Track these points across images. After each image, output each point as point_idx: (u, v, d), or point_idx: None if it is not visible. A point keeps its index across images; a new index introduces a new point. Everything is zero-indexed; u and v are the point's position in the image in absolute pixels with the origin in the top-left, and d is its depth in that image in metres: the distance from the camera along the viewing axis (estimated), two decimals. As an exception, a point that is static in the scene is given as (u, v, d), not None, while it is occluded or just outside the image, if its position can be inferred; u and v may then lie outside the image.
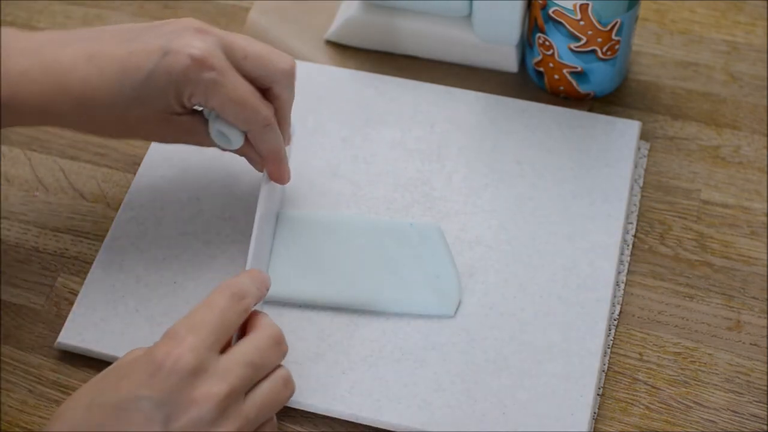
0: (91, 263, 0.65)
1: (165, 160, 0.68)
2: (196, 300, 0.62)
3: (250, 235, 0.64)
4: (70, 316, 0.62)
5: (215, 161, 0.68)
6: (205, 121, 0.60)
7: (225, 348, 0.51)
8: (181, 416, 0.48)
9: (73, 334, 0.61)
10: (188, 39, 0.56)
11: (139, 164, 0.69)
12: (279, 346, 0.53)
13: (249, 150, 0.61)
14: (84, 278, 0.64)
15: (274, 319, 0.61)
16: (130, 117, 0.58)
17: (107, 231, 0.66)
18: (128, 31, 0.57)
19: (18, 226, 0.67)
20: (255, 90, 0.58)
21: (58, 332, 0.62)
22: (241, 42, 0.58)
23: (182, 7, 0.79)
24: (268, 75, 0.58)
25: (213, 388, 0.48)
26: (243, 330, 0.54)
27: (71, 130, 0.61)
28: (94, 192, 0.69)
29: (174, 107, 0.57)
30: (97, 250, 0.65)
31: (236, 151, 0.61)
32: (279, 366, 0.53)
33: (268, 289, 0.56)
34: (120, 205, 0.67)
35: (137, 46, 0.56)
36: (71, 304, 0.63)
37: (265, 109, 0.58)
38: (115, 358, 0.60)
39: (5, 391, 0.61)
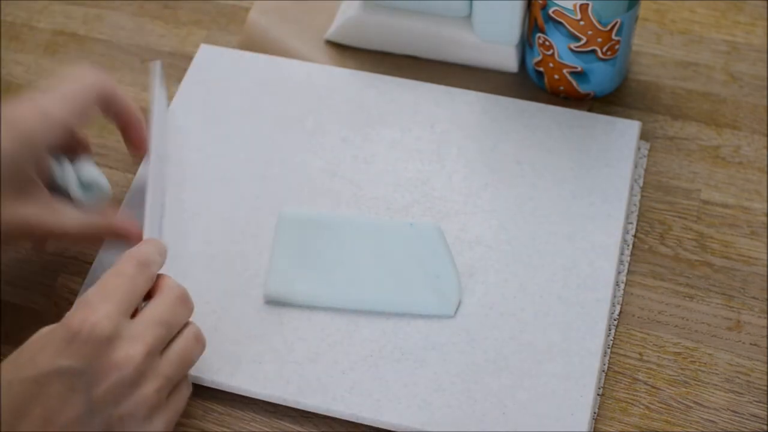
0: (91, 263, 0.65)
1: (165, 160, 0.68)
2: (196, 300, 0.61)
3: (253, 235, 0.64)
4: (70, 316, 0.62)
5: (215, 161, 0.68)
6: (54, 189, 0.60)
7: (134, 314, 0.53)
8: (102, 381, 0.49)
9: (73, 334, 0.61)
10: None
11: (139, 164, 0.69)
12: (185, 303, 0.54)
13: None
14: (84, 278, 0.64)
15: (274, 318, 0.61)
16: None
17: (107, 231, 0.66)
18: None
19: (18, 226, 0.67)
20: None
21: (58, 332, 0.62)
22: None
23: (182, 7, 0.79)
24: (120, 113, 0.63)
25: (130, 350, 0.50)
26: (148, 295, 0.55)
27: None
28: (94, 192, 0.69)
29: (27, 164, 0.57)
30: (97, 250, 0.65)
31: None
32: (188, 323, 0.55)
33: (165, 257, 0.57)
34: (120, 205, 0.67)
35: None
36: (71, 304, 0.63)
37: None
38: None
39: (5, 391, 0.61)
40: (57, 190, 0.61)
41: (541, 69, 0.70)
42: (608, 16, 0.65)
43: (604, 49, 0.67)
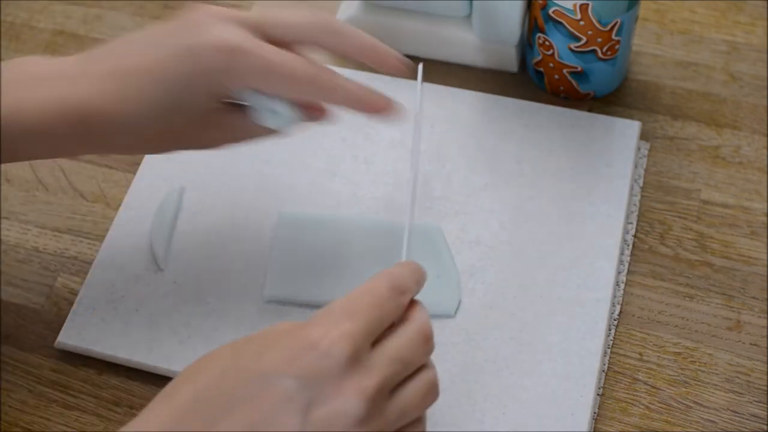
0: (91, 263, 0.65)
1: (165, 160, 0.68)
2: (196, 300, 0.62)
3: (253, 235, 0.64)
4: (70, 316, 0.62)
5: (216, 161, 0.68)
6: (246, 114, 0.56)
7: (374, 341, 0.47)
8: (324, 405, 0.43)
9: (73, 334, 0.61)
10: (210, 31, 0.53)
11: (139, 164, 0.69)
12: (427, 342, 0.48)
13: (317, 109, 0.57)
14: (84, 278, 0.64)
15: (274, 318, 0.61)
16: (169, 128, 0.55)
17: (107, 231, 0.66)
18: (149, 37, 0.54)
19: (18, 226, 0.67)
20: (291, 53, 0.54)
21: (58, 332, 0.62)
22: (262, 16, 0.55)
23: (182, 7, 0.79)
24: (297, 34, 0.55)
25: (363, 381, 0.44)
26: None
27: (110, 153, 0.58)
28: (94, 192, 0.69)
29: (213, 105, 0.55)
30: (97, 250, 0.65)
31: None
32: (426, 366, 0.48)
33: (422, 286, 0.50)
34: (120, 205, 0.67)
35: (162, 52, 0.53)
36: (71, 304, 0.63)
37: (305, 64, 0.53)
38: (115, 358, 0.60)
39: (5, 391, 0.61)
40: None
41: (541, 69, 0.70)
42: (608, 16, 0.65)
43: (604, 49, 0.67)
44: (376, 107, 0.56)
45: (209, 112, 0.55)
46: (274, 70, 0.53)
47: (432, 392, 0.48)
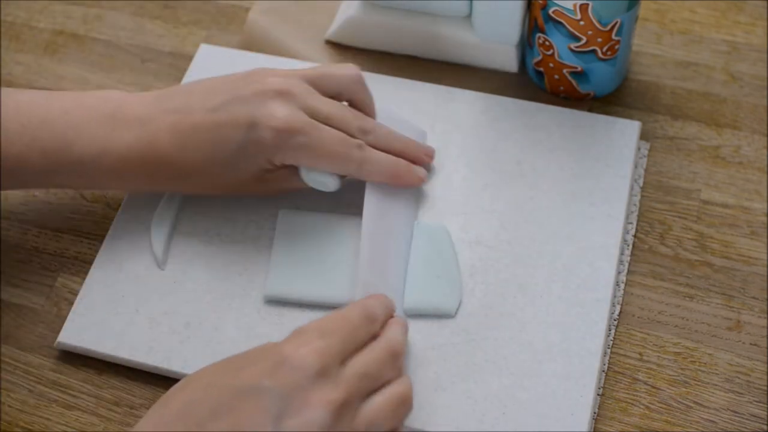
0: (91, 263, 0.65)
1: (165, 160, 0.68)
2: (196, 300, 0.62)
3: (253, 235, 0.64)
4: (70, 316, 0.62)
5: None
6: (297, 170, 0.62)
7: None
8: (294, 415, 0.47)
9: (73, 334, 0.61)
10: (272, 107, 0.59)
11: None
12: (396, 358, 0.52)
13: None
14: (84, 278, 0.64)
15: (274, 318, 0.61)
16: (224, 181, 0.61)
17: (107, 231, 0.66)
18: (212, 95, 0.60)
19: (18, 226, 0.67)
20: (341, 134, 0.60)
21: (58, 332, 0.62)
22: (315, 72, 0.62)
23: (182, 7, 0.79)
24: (340, 87, 0.62)
25: (330, 394, 0.48)
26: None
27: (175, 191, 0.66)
28: (94, 192, 0.69)
29: (266, 167, 0.60)
30: (97, 250, 0.65)
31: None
32: (396, 380, 0.52)
33: (390, 316, 0.56)
34: (120, 205, 0.67)
35: (223, 116, 0.59)
36: (71, 304, 0.63)
37: (355, 151, 0.60)
38: (115, 358, 0.60)
39: (5, 391, 0.61)
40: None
41: (541, 69, 0.70)
42: (608, 16, 0.65)
43: (604, 49, 0.67)
44: (403, 182, 0.63)
45: (262, 172, 0.61)
46: (316, 153, 0.59)
47: (403, 404, 0.51)
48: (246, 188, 0.63)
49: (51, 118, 0.60)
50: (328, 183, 0.61)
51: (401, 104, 0.70)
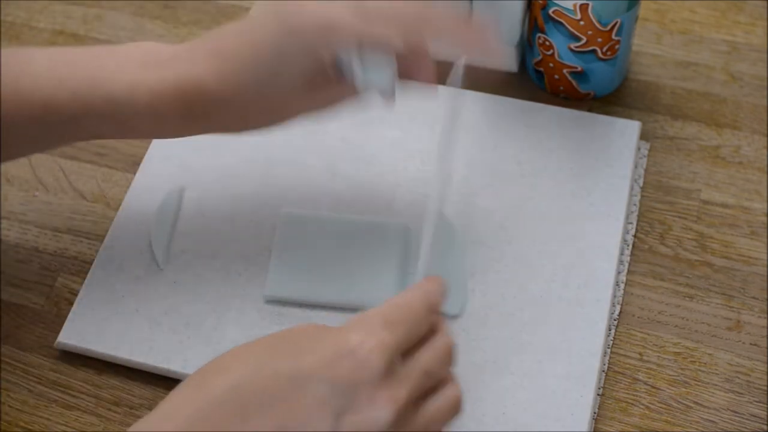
0: (91, 263, 0.65)
1: (165, 159, 0.68)
2: (196, 300, 0.62)
3: (253, 235, 0.64)
4: (70, 316, 0.62)
5: (216, 161, 0.68)
6: (344, 80, 0.56)
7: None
8: (357, 412, 0.44)
9: (73, 334, 0.61)
10: (311, 8, 0.53)
11: (139, 164, 0.69)
12: (451, 359, 0.49)
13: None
14: (84, 278, 0.64)
15: (274, 318, 0.61)
16: (269, 103, 0.55)
17: (107, 231, 0.66)
18: (253, 20, 0.55)
19: (18, 226, 0.67)
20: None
21: (58, 332, 0.62)
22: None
23: (182, 7, 0.79)
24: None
25: (396, 393, 0.45)
26: None
27: (215, 133, 0.59)
28: (94, 192, 0.69)
29: (310, 76, 0.54)
30: (97, 250, 0.65)
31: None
32: (451, 380, 0.49)
33: (445, 302, 0.52)
34: (120, 205, 0.67)
35: (260, 33, 0.54)
36: (71, 304, 0.63)
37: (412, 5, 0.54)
38: (115, 358, 0.60)
39: (5, 391, 0.61)
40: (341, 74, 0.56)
41: (541, 69, 0.70)
42: (608, 16, 0.65)
43: (604, 49, 0.67)
44: (470, 44, 0.56)
45: (308, 77, 0.55)
46: (369, 17, 0.53)
47: (456, 407, 0.49)
48: (289, 111, 0.57)
49: (80, 59, 0.56)
50: (384, 80, 0.55)
51: (401, 104, 0.70)
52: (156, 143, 0.69)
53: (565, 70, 0.69)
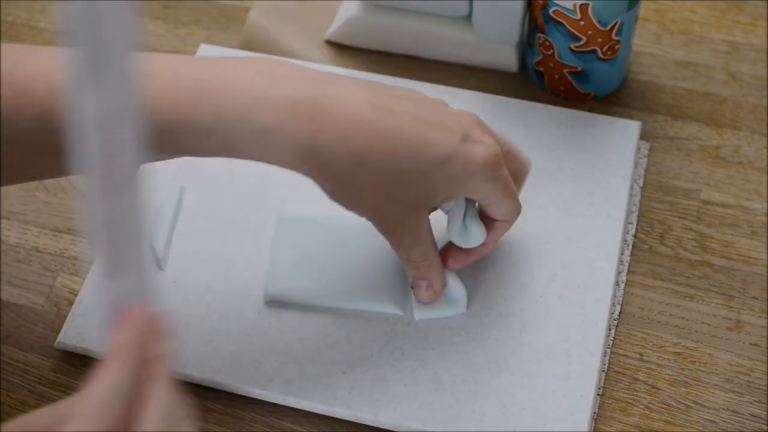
0: (91, 263, 0.65)
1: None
2: (196, 300, 0.62)
3: (253, 235, 0.64)
4: (70, 316, 0.62)
5: (216, 161, 0.68)
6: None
7: None
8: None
9: (73, 334, 0.61)
10: (480, 133, 0.55)
11: (139, 164, 0.68)
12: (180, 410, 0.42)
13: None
14: (84, 278, 0.64)
15: (274, 319, 0.61)
16: (384, 190, 0.54)
17: (107, 231, 0.66)
18: (415, 104, 0.55)
19: (18, 226, 0.67)
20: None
21: (58, 332, 0.62)
22: (511, 146, 0.59)
23: (182, 7, 0.79)
24: (518, 171, 0.59)
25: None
26: None
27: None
28: (94, 192, 0.69)
29: (434, 200, 0.55)
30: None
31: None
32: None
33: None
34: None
35: (435, 120, 0.54)
36: (71, 304, 0.63)
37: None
38: (115, 358, 0.60)
39: (5, 391, 0.61)
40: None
41: (541, 69, 0.70)
42: (608, 16, 0.65)
43: (604, 49, 0.67)
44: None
45: (424, 202, 0.55)
46: (511, 198, 0.57)
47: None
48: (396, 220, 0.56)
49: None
50: (476, 234, 0.58)
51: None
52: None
53: (565, 70, 0.69)
